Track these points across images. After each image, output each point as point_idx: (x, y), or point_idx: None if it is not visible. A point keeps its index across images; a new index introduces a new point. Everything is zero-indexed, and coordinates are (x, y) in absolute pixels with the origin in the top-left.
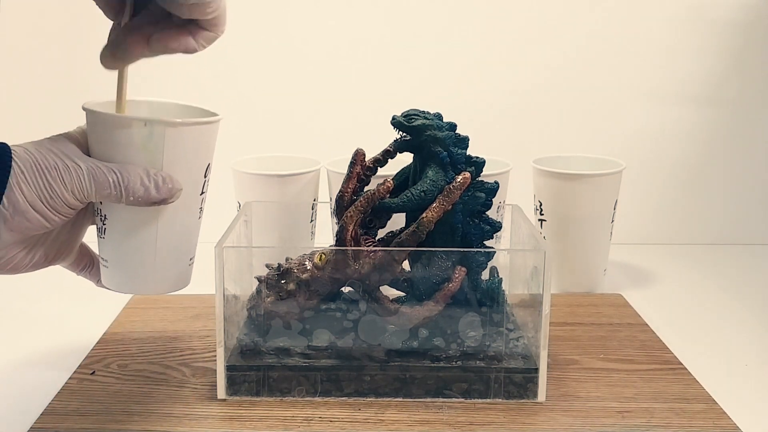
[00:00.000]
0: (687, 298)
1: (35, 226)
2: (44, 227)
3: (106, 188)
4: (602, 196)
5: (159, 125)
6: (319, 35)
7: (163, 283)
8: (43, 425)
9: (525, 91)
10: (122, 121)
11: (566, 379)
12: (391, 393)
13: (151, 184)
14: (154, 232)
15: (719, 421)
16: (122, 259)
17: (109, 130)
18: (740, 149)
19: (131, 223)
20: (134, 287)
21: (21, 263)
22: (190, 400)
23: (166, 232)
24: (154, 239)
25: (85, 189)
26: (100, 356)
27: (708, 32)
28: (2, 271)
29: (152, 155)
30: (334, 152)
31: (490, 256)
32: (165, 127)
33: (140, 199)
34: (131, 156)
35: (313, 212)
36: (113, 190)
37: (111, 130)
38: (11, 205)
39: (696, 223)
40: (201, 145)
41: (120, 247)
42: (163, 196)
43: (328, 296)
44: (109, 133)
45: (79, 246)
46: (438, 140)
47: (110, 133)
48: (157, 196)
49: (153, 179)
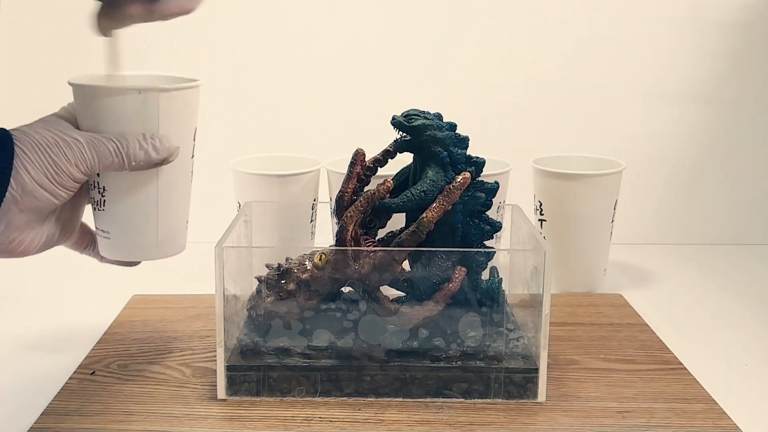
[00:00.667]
0: (687, 298)
1: (44, 204)
2: (53, 204)
3: (108, 157)
4: (602, 196)
5: (153, 92)
6: (319, 35)
7: (165, 248)
8: (43, 425)
9: (525, 91)
10: (116, 91)
11: (566, 379)
12: (391, 393)
13: (149, 147)
14: (155, 197)
15: (719, 421)
16: (124, 228)
17: (102, 102)
18: (740, 149)
19: (131, 190)
20: (138, 254)
21: (30, 245)
22: (190, 400)
23: (166, 196)
24: (155, 204)
25: (87, 161)
26: (100, 356)
27: (708, 32)
28: (14, 254)
29: (147, 122)
30: (334, 152)
31: (490, 256)
32: (159, 93)
33: (142, 162)
34: (126, 124)
35: (313, 212)
36: (115, 158)
37: (105, 101)
38: (20, 187)
39: (696, 223)
40: (190, 108)
41: (122, 216)
42: (163, 156)
43: (328, 296)
44: (103, 104)
45: (80, 225)
46: (438, 140)
47: (104, 105)
48: (158, 156)
49: (150, 142)
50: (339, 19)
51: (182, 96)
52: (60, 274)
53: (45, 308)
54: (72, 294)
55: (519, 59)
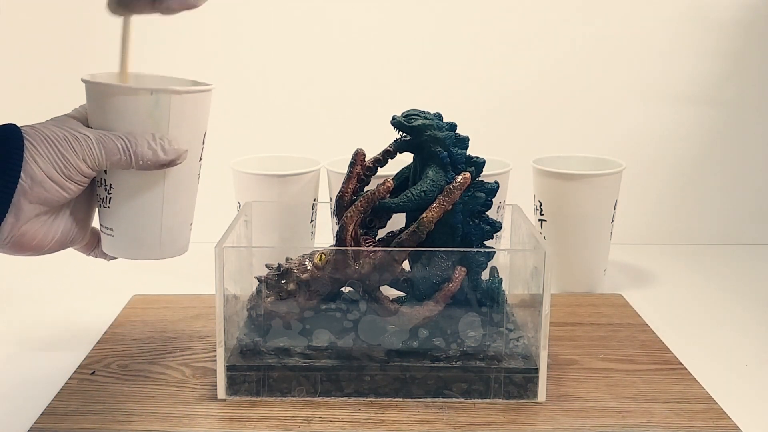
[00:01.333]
0: (687, 298)
1: (54, 196)
2: (62, 197)
3: (116, 154)
4: (602, 196)
5: (165, 94)
6: (319, 35)
7: (168, 248)
8: (43, 425)
9: (525, 91)
10: (128, 91)
11: (566, 379)
12: (391, 393)
13: (158, 147)
14: (161, 198)
15: (719, 421)
16: (129, 226)
17: (114, 101)
18: (740, 149)
19: (138, 189)
20: (140, 253)
21: (44, 240)
22: (190, 400)
23: (172, 197)
24: (160, 204)
25: (95, 156)
26: (100, 356)
27: (708, 32)
28: (28, 249)
29: (158, 123)
30: (334, 152)
31: (490, 256)
32: (171, 95)
33: (149, 162)
34: (137, 124)
35: (313, 212)
36: (122, 155)
37: (116, 100)
38: (29, 178)
39: (696, 223)
40: (201, 112)
41: (127, 213)
42: (171, 157)
43: (328, 296)
44: (115, 103)
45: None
46: (438, 140)
47: (116, 103)
48: (165, 158)
49: (159, 142)
50: (339, 19)
51: (194, 99)
52: (60, 275)
53: (45, 308)
54: (72, 294)
55: (519, 59)
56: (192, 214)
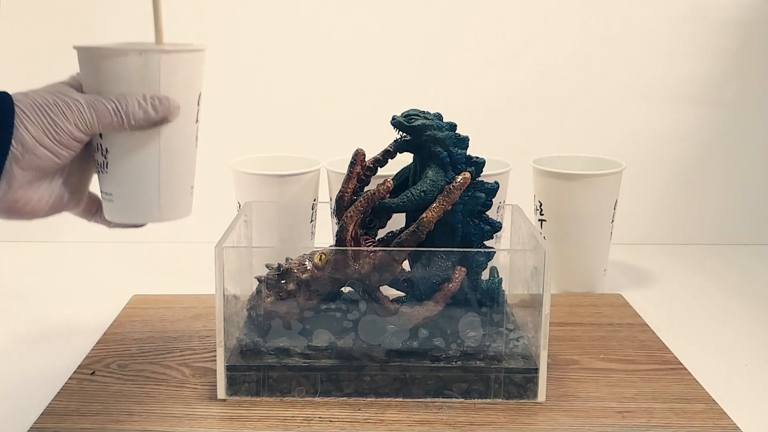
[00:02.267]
0: (687, 298)
1: (46, 162)
2: (54, 163)
3: (107, 116)
4: (602, 196)
5: (154, 54)
6: (319, 35)
7: (168, 211)
8: (43, 425)
9: (525, 91)
10: (117, 53)
11: (566, 379)
12: (391, 393)
13: (148, 106)
14: (157, 158)
15: (719, 421)
16: (127, 190)
17: (104, 63)
18: (740, 149)
19: (134, 151)
20: (140, 216)
21: (38, 205)
22: (190, 400)
23: (168, 157)
24: (157, 165)
25: (87, 120)
26: (100, 356)
27: (708, 32)
28: (22, 214)
29: (149, 84)
30: (334, 152)
31: (490, 256)
32: (160, 55)
33: (141, 121)
34: (128, 86)
35: (313, 212)
36: (114, 117)
37: (107, 62)
38: (20, 144)
39: (696, 223)
40: (193, 72)
41: (124, 177)
42: (162, 114)
43: (328, 296)
44: (105, 66)
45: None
46: (438, 140)
47: (106, 66)
48: (156, 116)
49: (150, 101)
50: (339, 19)
51: (184, 59)
52: (60, 274)
53: (45, 308)
54: (72, 294)
55: (519, 59)
56: (192, 178)
